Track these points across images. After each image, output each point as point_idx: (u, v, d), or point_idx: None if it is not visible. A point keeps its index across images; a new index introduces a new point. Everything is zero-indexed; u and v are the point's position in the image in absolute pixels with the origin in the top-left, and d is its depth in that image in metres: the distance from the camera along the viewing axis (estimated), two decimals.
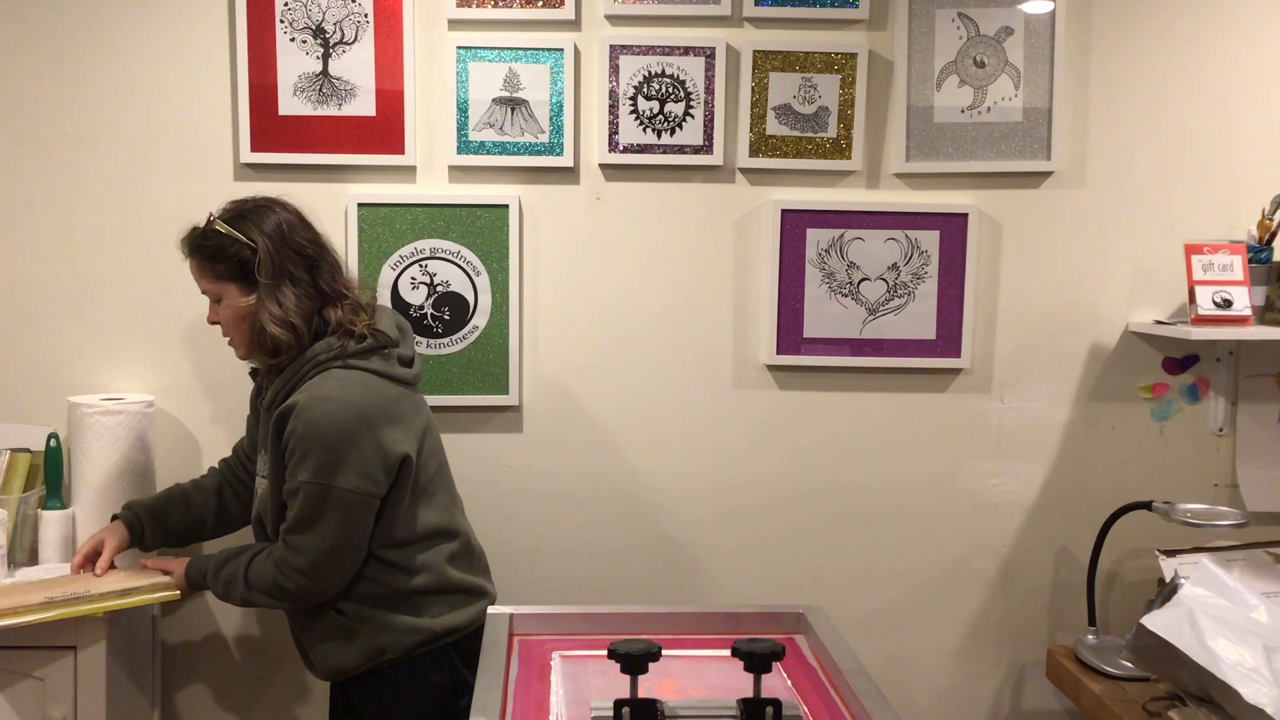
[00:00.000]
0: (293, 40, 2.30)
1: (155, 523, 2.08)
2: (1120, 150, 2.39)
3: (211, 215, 1.92)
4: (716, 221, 2.39)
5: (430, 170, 2.35)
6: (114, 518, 2.09)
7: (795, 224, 2.37)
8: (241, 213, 1.90)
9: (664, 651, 1.43)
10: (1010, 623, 2.48)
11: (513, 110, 2.33)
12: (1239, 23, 2.38)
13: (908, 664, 2.48)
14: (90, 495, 2.20)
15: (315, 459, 1.80)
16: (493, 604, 1.99)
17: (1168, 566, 2.15)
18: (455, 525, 2.00)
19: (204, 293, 1.94)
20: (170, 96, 2.32)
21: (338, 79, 2.31)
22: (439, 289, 2.36)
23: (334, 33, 2.31)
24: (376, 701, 1.93)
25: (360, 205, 2.33)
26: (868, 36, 2.35)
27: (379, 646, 1.89)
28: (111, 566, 2.01)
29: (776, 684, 1.57)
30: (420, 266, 2.35)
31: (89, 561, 2.02)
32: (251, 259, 1.86)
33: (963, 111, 2.36)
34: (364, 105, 2.32)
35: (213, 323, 1.95)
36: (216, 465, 2.21)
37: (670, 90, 2.34)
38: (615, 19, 2.33)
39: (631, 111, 2.34)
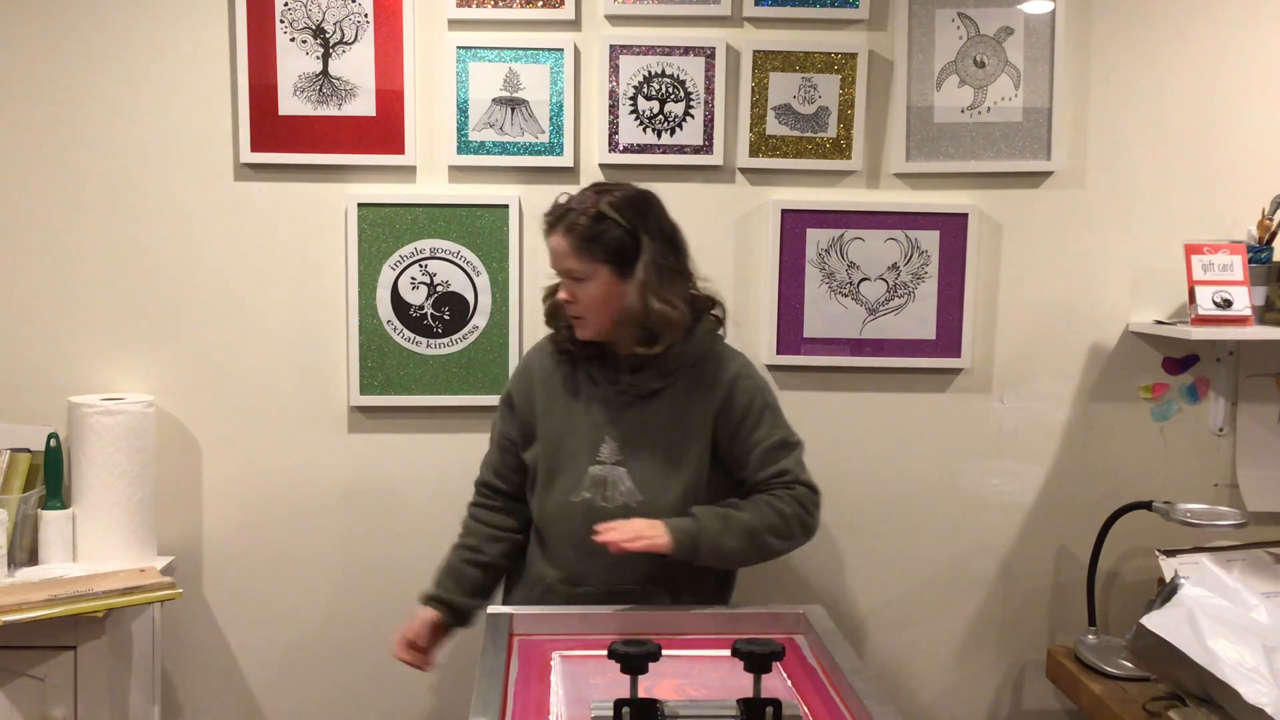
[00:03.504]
0: (293, 40, 2.30)
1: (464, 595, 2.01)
2: (1120, 150, 2.39)
3: (593, 196, 1.89)
4: (716, 221, 2.38)
5: (430, 170, 2.35)
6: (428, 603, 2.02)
7: (795, 224, 2.37)
8: (618, 195, 1.90)
9: (664, 651, 1.43)
10: (1010, 623, 2.48)
11: (513, 110, 2.33)
12: (1239, 23, 2.38)
13: (908, 664, 2.48)
14: (90, 495, 2.20)
15: (779, 409, 1.97)
16: None
17: (1168, 566, 2.15)
18: None
19: (565, 271, 1.89)
20: (170, 96, 2.32)
21: (338, 79, 2.31)
22: (439, 289, 2.36)
23: (334, 33, 2.31)
24: None
25: (360, 205, 2.33)
26: (868, 36, 2.35)
27: None
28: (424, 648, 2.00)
29: (776, 684, 1.57)
30: (420, 266, 2.35)
31: (411, 649, 2.00)
32: (632, 244, 1.87)
33: (963, 111, 2.36)
34: (364, 105, 2.32)
35: (567, 300, 1.90)
36: (475, 527, 2.06)
37: (670, 90, 2.34)
38: (615, 19, 2.33)
39: (631, 111, 2.34)
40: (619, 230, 1.86)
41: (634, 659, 1.38)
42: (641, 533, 1.80)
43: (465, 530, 2.07)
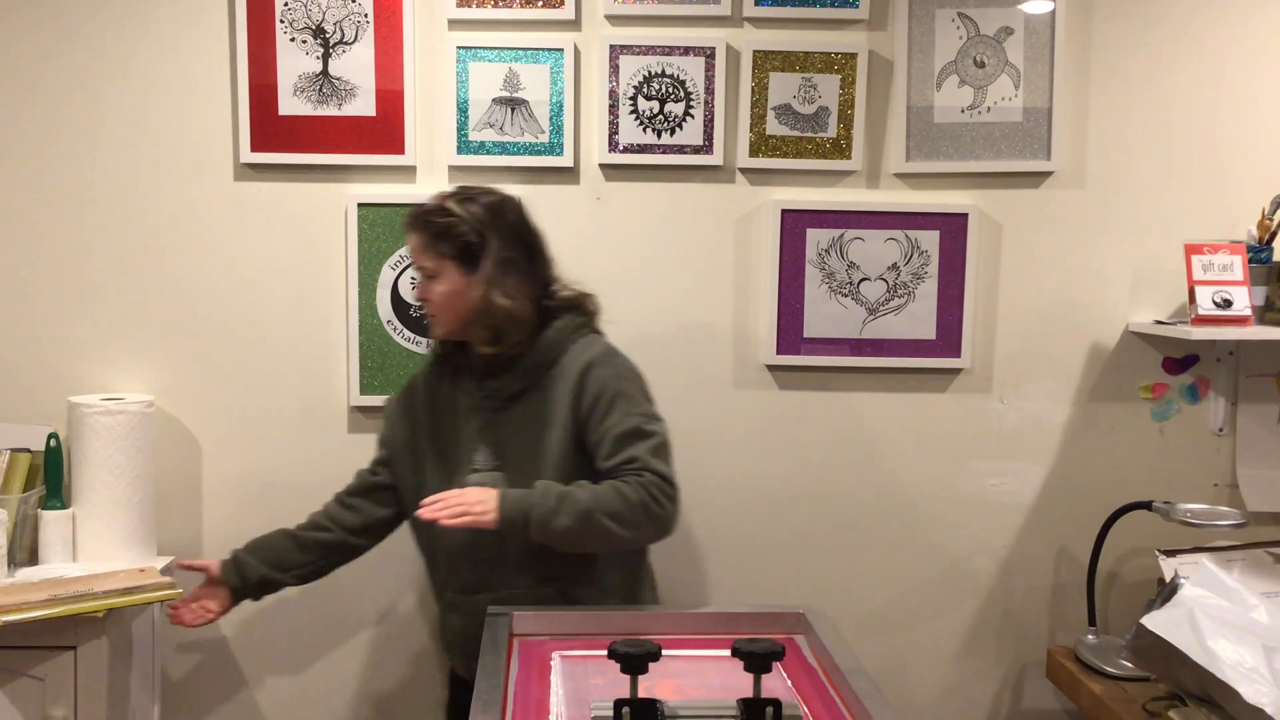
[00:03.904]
0: (293, 40, 2.30)
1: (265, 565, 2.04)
2: (1120, 150, 2.39)
3: (444, 195, 1.94)
4: (716, 221, 2.39)
5: (430, 170, 2.35)
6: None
7: (795, 224, 2.37)
8: (472, 197, 1.94)
9: (664, 651, 1.42)
10: (1010, 623, 2.48)
11: (513, 110, 2.33)
12: (1239, 23, 2.38)
13: (908, 664, 2.48)
14: (90, 495, 2.20)
15: (638, 398, 1.91)
16: None
17: (1168, 566, 2.15)
18: None
19: (419, 268, 1.94)
20: (170, 96, 2.32)
21: (338, 79, 2.31)
22: None
23: (334, 33, 2.31)
24: None
25: (360, 205, 2.33)
26: (868, 36, 2.35)
27: None
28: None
29: (776, 684, 1.57)
30: None
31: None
32: (478, 243, 1.90)
33: (963, 111, 2.36)
34: (364, 105, 2.32)
35: (421, 299, 1.96)
36: (316, 512, 2.11)
37: (670, 90, 2.34)
38: (615, 19, 2.33)
39: (631, 111, 2.34)
40: (466, 228, 1.89)
41: (634, 659, 1.38)
42: (469, 508, 1.77)
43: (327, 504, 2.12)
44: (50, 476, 2.23)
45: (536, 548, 1.85)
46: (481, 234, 1.90)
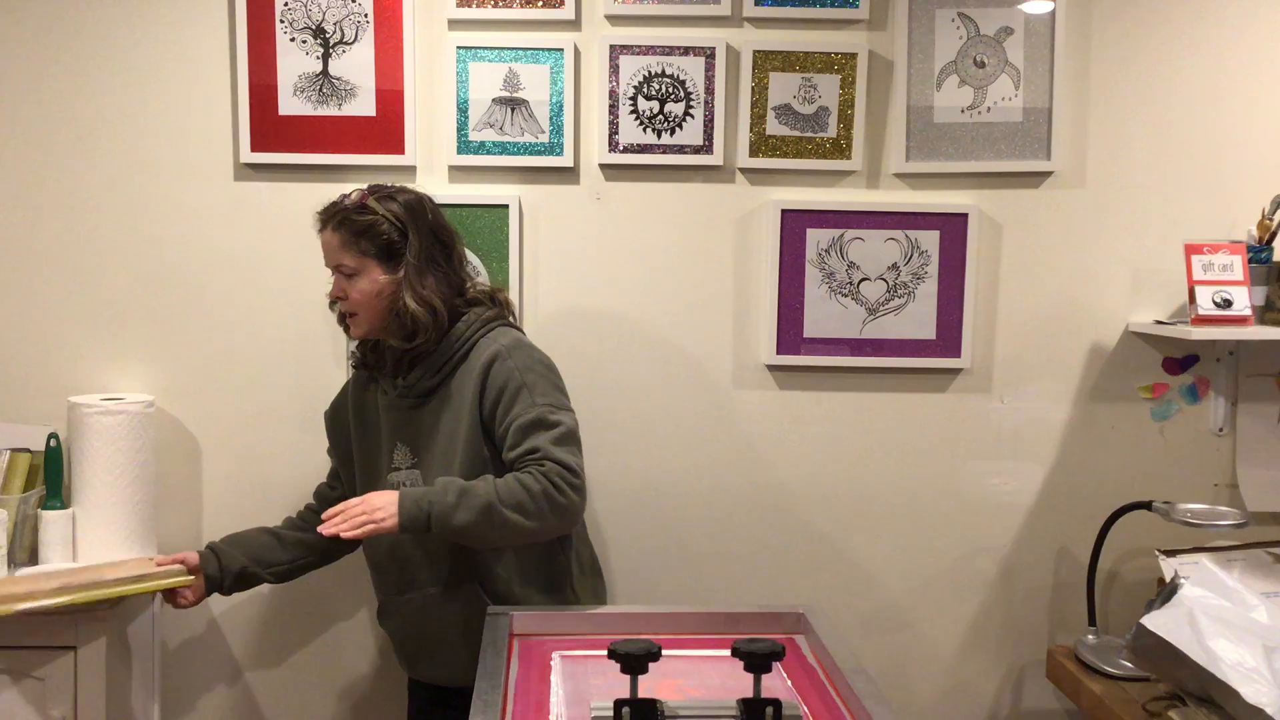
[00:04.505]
0: (293, 40, 2.30)
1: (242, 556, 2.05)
2: (1120, 150, 2.39)
3: (363, 192, 1.94)
4: (716, 221, 2.39)
5: (430, 170, 2.35)
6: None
7: (795, 224, 2.37)
8: (390, 195, 1.94)
9: (664, 651, 1.43)
10: (1010, 623, 2.48)
11: (513, 110, 2.33)
12: (1239, 22, 2.38)
13: (908, 664, 2.48)
14: (90, 495, 2.20)
15: (542, 387, 1.88)
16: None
17: (1168, 566, 2.15)
18: None
19: (337, 268, 1.94)
20: (170, 96, 2.32)
21: (338, 79, 2.31)
22: None
23: (334, 33, 2.31)
24: None
25: None
26: (868, 36, 2.35)
27: None
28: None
29: (776, 684, 1.57)
30: None
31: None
32: (399, 241, 1.91)
33: (963, 111, 2.36)
34: (364, 105, 2.32)
35: (336, 298, 1.96)
36: (300, 522, 2.13)
37: (670, 90, 2.34)
38: (615, 19, 2.33)
39: (631, 111, 2.34)
40: (387, 226, 1.90)
41: (634, 659, 1.38)
42: (370, 515, 1.77)
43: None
44: (50, 476, 2.23)
45: (450, 545, 1.87)
46: (403, 232, 1.91)
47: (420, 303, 1.89)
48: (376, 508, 1.78)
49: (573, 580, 2.00)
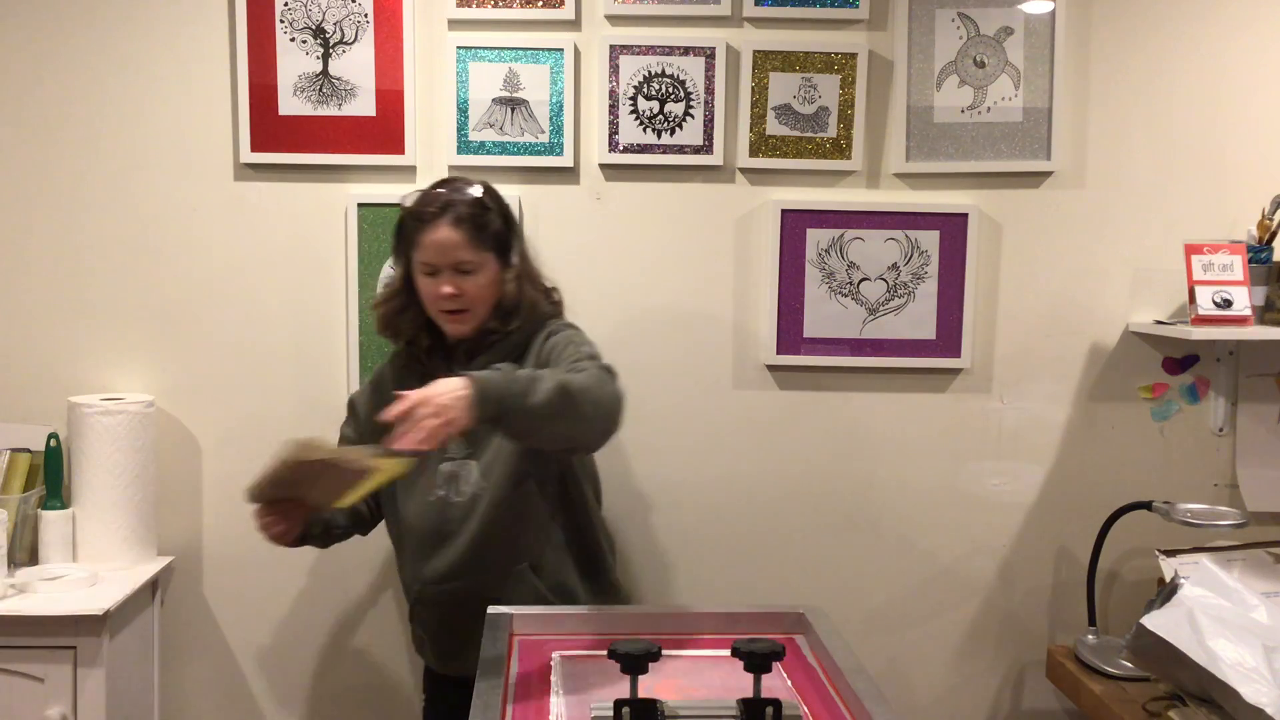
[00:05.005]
0: (293, 40, 2.30)
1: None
2: (1120, 150, 2.39)
3: (456, 184, 1.92)
4: (716, 221, 2.39)
5: (430, 170, 2.35)
6: None
7: (795, 224, 2.37)
8: (488, 187, 1.93)
9: (664, 651, 1.42)
10: (1010, 623, 2.48)
11: (513, 110, 2.33)
12: (1238, 23, 2.38)
13: (908, 664, 2.48)
14: (90, 495, 2.21)
15: (589, 347, 1.86)
16: None
17: (1168, 566, 2.15)
18: None
19: (457, 264, 1.86)
20: (170, 96, 2.32)
21: (338, 79, 2.31)
22: None
23: (334, 33, 2.31)
24: None
25: (360, 205, 2.33)
26: (868, 36, 2.35)
27: None
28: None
29: (776, 684, 1.56)
30: None
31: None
32: (506, 232, 1.91)
33: (963, 111, 2.36)
34: (364, 105, 2.32)
35: (452, 295, 1.87)
36: None
37: (670, 90, 2.34)
38: (615, 19, 2.33)
39: (631, 111, 2.34)
40: (498, 219, 1.90)
41: (634, 659, 1.38)
42: (443, 417, 1.53)
43: None
44: (50, 476, 2.23)
45: (505, 526, 1.85)
46: (509, 224, 1.92)
47: (535, 291, 1.92)
48: (445, 406, 1.54)
49: (613, 571, 2.03)
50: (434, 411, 1.53)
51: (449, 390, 1.55)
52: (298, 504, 1.74)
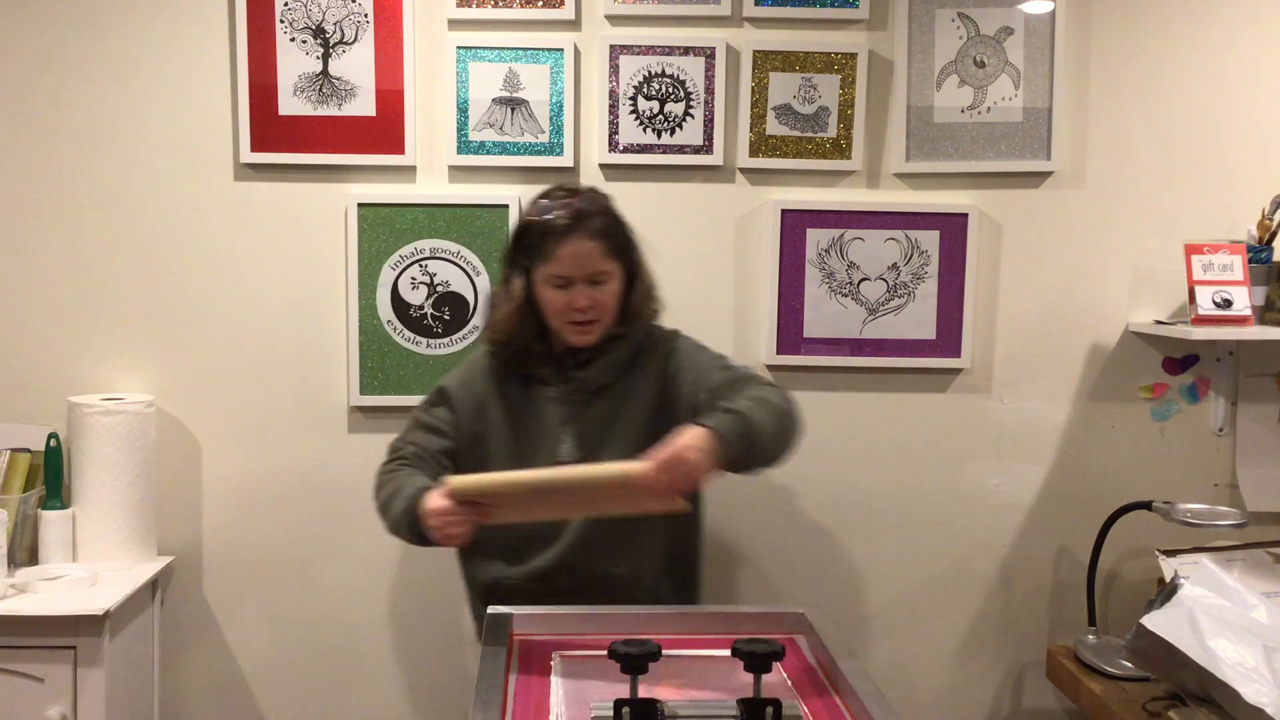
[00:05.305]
0: (293, 40, 2.30)
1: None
2: (1120, 150, 2.39)
3: (578, 193, 1.89)
4: (716, 221, 2.39)
5: (430, 170, 2.35)
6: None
7: (795, 224, 2.37)
8: (604, 194, 1.92)
9: (664, 651, 1.42)
10: (1010, 623, 2.48)
11: (513, 110, 2.33)
12: (1239, 23, 2.38)
13: (908, 664, 2.48)
14: (90, 495, 2.21)
15: (723, 358, 1.93)
16: None
17: (1168, 566, 2.15)
18: None
19: (592, 275, 1.84)
20: (170, 96, 2.32)
21: (338, 79, 2.31)
22: (439, 289, 2.36)
23: (334, 33, 2.31)
24: None
25: (360, 205, 2.33)
26: (868, 36, 2.35)
27: None
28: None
29: (776, 684, 1.57)
30: (420, 266, 2.35)
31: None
32: (631, 238, 1.91)
33: (963, 111, 2.36)
34: (364, 105, 2.32)
35: (587, 307, 1.84)
36: (404, 466, 1.89)
37: (670, 90, 2.34)
38: (615, 19, 2.33)
39: (631, 111, 2.34)
40: (625, 227, 1.90)
41: (634, 659, 1.38)
42: (694, 471, 1.59)
43: (395, 469, 1.88)
44: (50, 476, 2.23)
45: (609, 530, 1.85)
46: (629, 233, 1.91)
47: (654, 298, 1.94)
48: (693, 462, 1.59)
49: (702, 587, 2.05)
50: (690, 469, 1.59)
51: (697, 444, 1.61)
52: (483, 511, 1.72)
